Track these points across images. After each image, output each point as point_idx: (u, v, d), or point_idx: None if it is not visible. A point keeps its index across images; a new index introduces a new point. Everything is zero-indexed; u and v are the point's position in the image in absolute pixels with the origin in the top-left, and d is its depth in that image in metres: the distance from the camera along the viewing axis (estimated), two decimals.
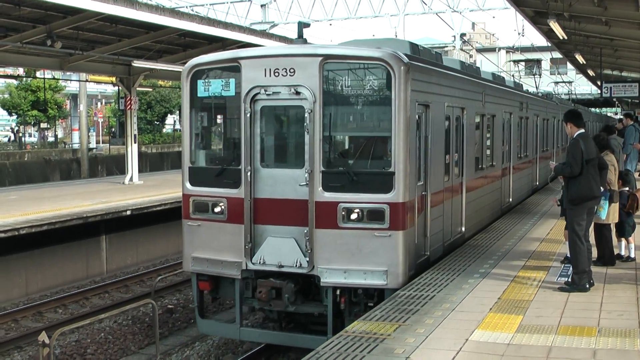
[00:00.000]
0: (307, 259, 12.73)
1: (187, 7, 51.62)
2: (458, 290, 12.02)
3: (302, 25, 14.35)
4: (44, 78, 58.78)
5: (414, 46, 14.67)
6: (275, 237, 13.02)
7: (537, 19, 29.52)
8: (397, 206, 12.46)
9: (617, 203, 13.44)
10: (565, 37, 29.84)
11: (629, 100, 61.19)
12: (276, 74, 12.90)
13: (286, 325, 14.08)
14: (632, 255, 14.09)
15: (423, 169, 13.75)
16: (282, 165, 13.51)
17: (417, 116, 13.22)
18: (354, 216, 12.47)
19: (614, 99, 59.97)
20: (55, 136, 72.57)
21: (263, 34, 32.06)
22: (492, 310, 10.76)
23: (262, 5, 55.35)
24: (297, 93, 12.77)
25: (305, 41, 14.09)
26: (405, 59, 12.71)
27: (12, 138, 75.89)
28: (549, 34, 32.42)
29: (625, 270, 13.39)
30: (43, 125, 68.98)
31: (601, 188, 12.24)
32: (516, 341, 9.32)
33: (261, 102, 13.12)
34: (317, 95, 12.64)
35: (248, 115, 13.06)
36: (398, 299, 11.46)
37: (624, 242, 14.28)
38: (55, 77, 57.91)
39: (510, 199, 23.01)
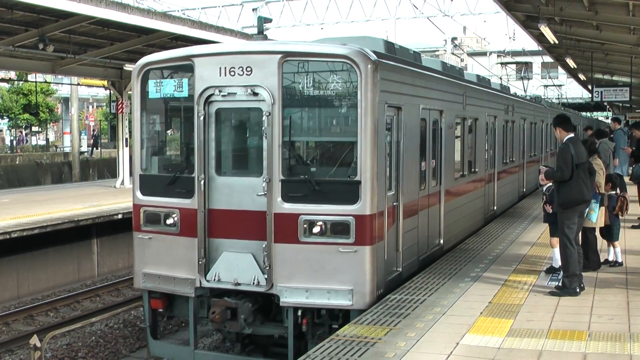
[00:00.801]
0: (266, 276, 11.71)
1: (178, 10, 51.62)
2: (449, 294, 12.02)
3: (263, 20, 13.44)
4: (36, 81, 58.76)
5: (388, 44, 13.81)
6: (231, 252, 12.01)
7: (528, 23, 29.62)
8: (363, 218, 11.44)
9: (605, 207, 13.51)
10: (556, 41, 29.95)
11: (620, 104, 61.35)
12: (232, 73, 11.88)
13: (246, 346, 13.18)
14: (620, 260, 14.09)
15: (394, 177, 12.82)
16: (238, 173, 12.51)
17: (387, 119, 12.27)
18: (316, 229, 11.46)
19: (605, 103, 60.16)
20: (47, 139, 72.47)
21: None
22: (483, 314, 10.78)
23: (253, 9, 55.33)
24: (255, 94, 11.75)
25: (265, 37, 13.11)
26: (373, 57, 11.70)
27: None
28: (540, 38, 32.53)
29: (616, 274, 13.42)
30: (34, 128, 68.90)
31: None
32: (506, 345, 9.34)
33: (216, 104, 12.12)
34: (276, 97, 11.63)
35: (202, 118, 12.08)
36: (389, 303, 11.46)
37: (611, 247, 14.25)
38: (47, 80, 57.86)
39: (495, 207, 22.10)
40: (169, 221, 12.48)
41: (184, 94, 12.52)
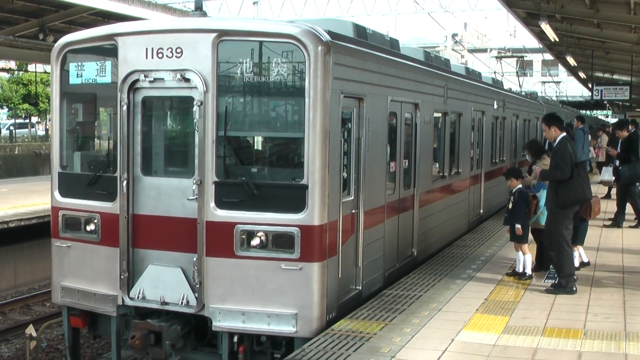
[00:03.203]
0: (196, 295, 10.12)
1: (179, 3, 51.53)
2: (445, 290, 12.01)
3: None
4: (36, 72, 58.82)
5: (359, 28, 12.13)
6: (158, 265, 10.38)
7: (529, 20, 29.69)
8: (310, 230, 9.77)
9: None
10: (557, 39, 30.00)
11: (620, 103, 61.40)
12: (159, 55, 10.20)
13: None
14: (586, 260, 13.75)
15: (354, 181, 11.13)
16: (167, 173, 10.79)
17: (343, 112, 10.52)
18: (255, 242, 9.84)
19: (605, 102, 60.21)
20: (46, 130, 72.56)
21: None
22: (479, 311, 10.79)
23: (254, 3, 55.24)
24: (185, 80, 10.07)
25: (204, 14, 11.21)
26: (326, 37, 9.97)
27: None
28: (540, 35, 32.61)
29: (612, 273, 13.41)
30: (34, 119, 68.98)
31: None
32: (502, 342, 9.34)
33: (142, 91, 10.43)
34: (209, 83, 9.96)
35: (125, 107, 10.39)
36: (385, 298, 11.43)
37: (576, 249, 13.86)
38: (47, 70, 57.82)
39: (481, 211, 20.69)
40: (90, 227, 10.93)
41: (107, 79, 10.86)
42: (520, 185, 12.70)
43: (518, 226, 12.47)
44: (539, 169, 12.58)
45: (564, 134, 12.05)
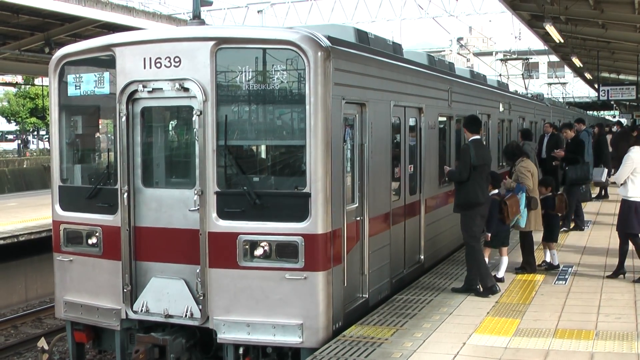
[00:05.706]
0: (200, 307, 10.03)
1: (183, 13, 51.72)
2: (455, 294, 11.99)
3: (200, 3, 11.44)
4: (42, 85, 58.98)
5: (361, 33, 12.10)
6: (161, 277, 10.30)
7: (534, 23, 29.72)
8: (314, 239, 9.64)
9: (538, 209, 13.25)
10: (562, 40, 29.99)
11: (627, 102, 61.34)
12: (157, 65, 10.11)
13: None
14: (556, 263, 13.77)
15: (358, 188, 11.01)
16: (168, 184, 10.77)
17: (345, 118, 10.42)
18: (258, 252, 9.72)
19: (612, 102, 60.16)
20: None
21: None
22: (490, 314, 10.78)
23: (258, 11, 55.35)
24: (184, 89, 9.97)
25: (202, 22, 11.12)
26: (325, 43, 9.84)
27: None
28: (545, 37, 32.62)
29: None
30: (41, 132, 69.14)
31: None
32: (514, 345, 9.33)
33: (141, 101, 10.36)
34: (208, 92, 9.84)
35: (124, 119, 10.31)
36: (396, 303, 11.43)
37: (547, 249, 13.92)
38: None
39: None
40: (92, 241, 10.86)
41: (106, 90, 10.77)
42: (494, 191, 12.56)
43: (488, 234, 12.49)
44: (448, 169, 12.74)
45: (475, 136, 11.98)
